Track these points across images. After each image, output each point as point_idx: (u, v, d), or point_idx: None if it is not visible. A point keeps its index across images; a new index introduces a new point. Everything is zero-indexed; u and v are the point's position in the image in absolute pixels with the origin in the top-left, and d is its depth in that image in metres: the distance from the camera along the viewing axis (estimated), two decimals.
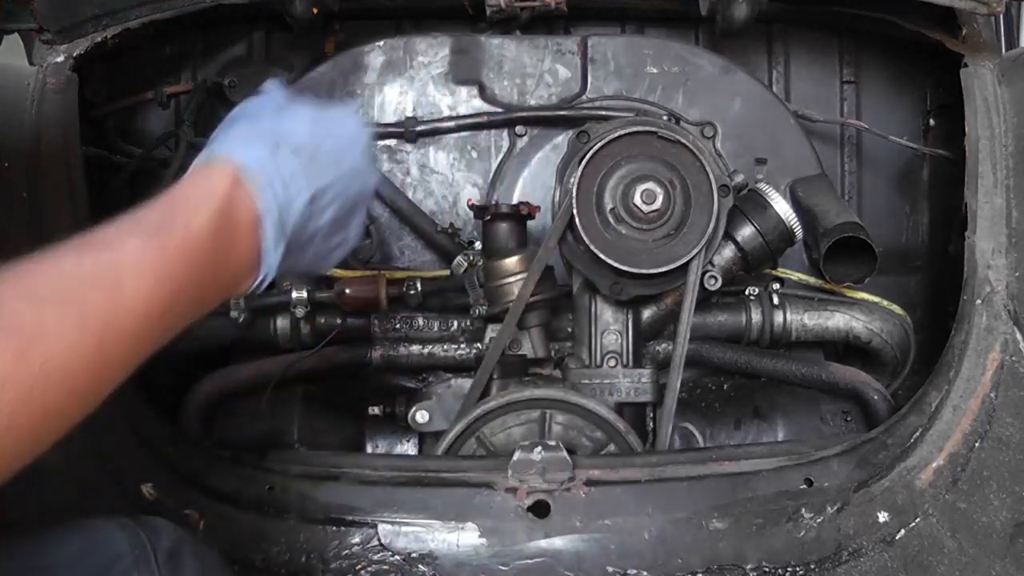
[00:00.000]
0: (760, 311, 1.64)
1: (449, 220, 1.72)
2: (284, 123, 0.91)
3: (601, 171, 1.40)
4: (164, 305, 0.74)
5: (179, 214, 0.78)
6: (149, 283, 0.72)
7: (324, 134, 0.93)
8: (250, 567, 1.19)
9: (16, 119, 1.40)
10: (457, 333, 1.62)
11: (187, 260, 0.76)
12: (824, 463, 1.29)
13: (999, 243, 1.38)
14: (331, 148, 0.93)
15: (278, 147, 0.87)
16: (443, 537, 1.21)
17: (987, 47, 1.55)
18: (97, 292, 0.69)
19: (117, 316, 0.70)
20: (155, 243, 0.74)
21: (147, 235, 0.74)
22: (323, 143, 0.92)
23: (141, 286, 0.71)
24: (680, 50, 1.74)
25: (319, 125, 0.93)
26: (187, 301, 0.77)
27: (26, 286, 0.66)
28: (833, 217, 1.58)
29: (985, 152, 1.43)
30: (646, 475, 1.27)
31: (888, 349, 1.63)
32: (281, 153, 0.87)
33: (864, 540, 1.23)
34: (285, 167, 0.86)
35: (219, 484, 1.25)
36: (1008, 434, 1.27)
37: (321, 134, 0.93)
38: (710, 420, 1.61)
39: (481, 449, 1.40)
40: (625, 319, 1.52)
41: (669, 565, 1.20)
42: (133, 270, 0.71)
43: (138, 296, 0.71)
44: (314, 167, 0.90)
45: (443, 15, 1.81)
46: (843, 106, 1.90)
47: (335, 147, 0.94)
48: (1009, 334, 1.33)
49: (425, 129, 1.72)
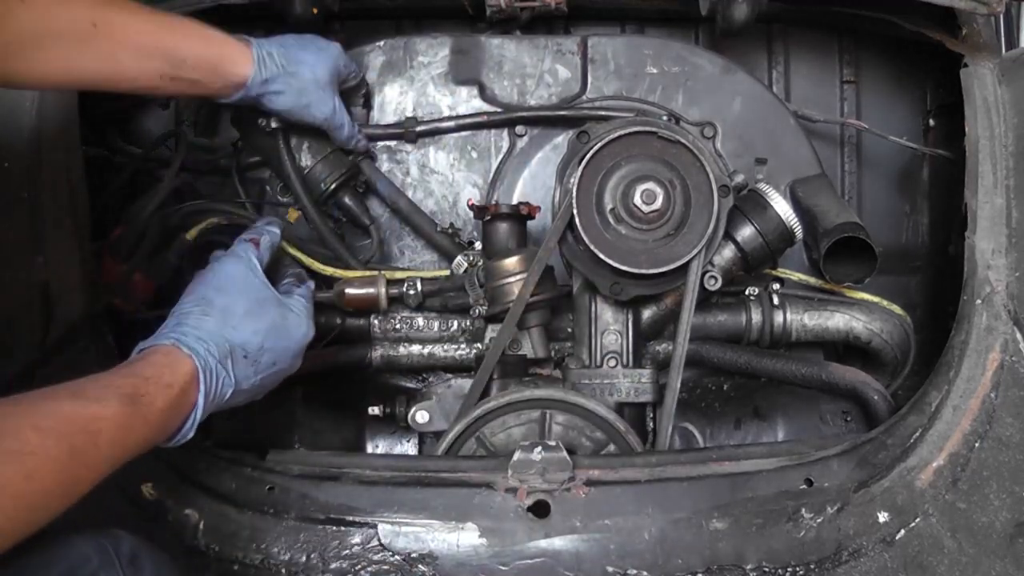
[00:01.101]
0: (760, 311, 1.64)
1: (449, 220, 1.72)
2: (244, 332, 1.18)
3: (601, 171, 1.40)
4: (125, 453, 0.98)
5: (150, 391, 1.02)
6: (119, 436, 0.96)
7: (273, 341, 1.21)
8: (250, 567, 1.19)
9: (16, 119, 1.39)
10: (457, 333, 1.62)
11: (147, 427, 1.01)
12: (824, 463, 1.29)
13: (999, 243, 1.38)
14: (274, 353, 1.22)
15: (230, 356, 1.15)
16: (443, 537, 1.21)
17: (987, 47, 1.55)
18: (84, 436, 0.92)
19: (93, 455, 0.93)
20: (129, 410, 0.98)
21: (125, 401, 0.98)
22: (268, 351, 1.20)
23: (113, 437, 0.95)
24: (680, 50, 1.74)
25: (273, 333, 1.21)
26: (130, 455, 1.00)
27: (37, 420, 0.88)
28: (833, 217, 1.58)
29: (985, 152, 1.43)
30: (646, 475, 1.27)
31: (888, 349, 1.63)
32: (229, 364, 1.15)
33: (864, 540, 1.23)
34: (227, 377, 1.14)
35: (219, 484, 1.25)
36: (1008, 434, 1.27)
37: (271, 342, 1.21)
38: (710, 420, 1.61)
39: (481, 449, 1.41)
40: (625, 319, 1.52)
41: (669, 565, 1.20)
42: (110, 425, 0.95)
43: (111, 443, 0.95)
44: (249, 371, 1.18)
45: (443, 15, 1.81)
46: (843, 106, 1.90)
47: (278, 352, 1.22)
48: (1009, 334, 1.33)
49: (425, 129, 1.72)
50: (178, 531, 1.21)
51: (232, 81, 1.40)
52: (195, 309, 1.17)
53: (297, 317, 1.27)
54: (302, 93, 1.47)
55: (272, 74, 1.42)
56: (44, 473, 0.85)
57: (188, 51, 1.33)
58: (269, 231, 1.36)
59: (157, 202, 1.55)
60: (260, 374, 1.20)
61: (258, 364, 1.19)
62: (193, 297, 1.19)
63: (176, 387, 1.06)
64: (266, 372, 1.21)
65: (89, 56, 1.24)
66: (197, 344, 1.11)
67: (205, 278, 1.23)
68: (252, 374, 1.19)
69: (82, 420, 0.93)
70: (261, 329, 1.20)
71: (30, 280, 1.33)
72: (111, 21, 1.25)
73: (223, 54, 1.39)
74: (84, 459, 0.91)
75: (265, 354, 1.20)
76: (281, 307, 1.26)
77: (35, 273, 1.33)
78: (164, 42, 1.31)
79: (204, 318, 1.15)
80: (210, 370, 1.11)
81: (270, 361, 1.21)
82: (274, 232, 1.37)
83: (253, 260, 1.27)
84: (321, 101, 1.50)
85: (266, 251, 1.32)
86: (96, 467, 0.93)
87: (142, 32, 1.28)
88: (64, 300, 1.34)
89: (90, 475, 0.93)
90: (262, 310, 1.22)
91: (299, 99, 1.47)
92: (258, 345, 1.19)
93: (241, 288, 1.22)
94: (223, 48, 1.39)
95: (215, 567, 1.19)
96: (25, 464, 0.83)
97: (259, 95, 1.44)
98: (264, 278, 1.26)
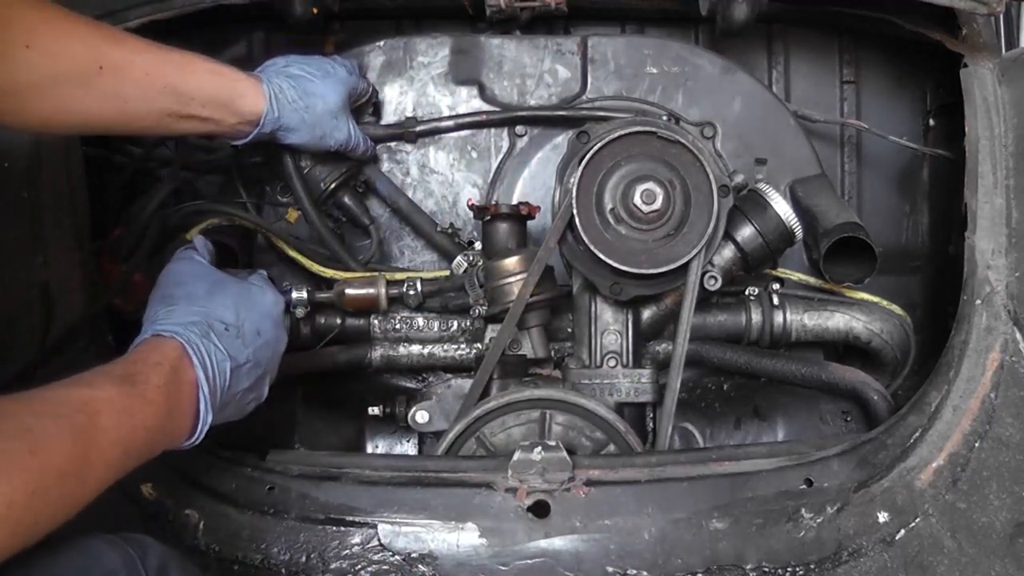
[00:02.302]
0: (760, 311, 1.64)
1: (449, 220, 1.72)
2: (214, 306, 1.19)
3: (601, 171, 1.40)
4: (127, 436, 0.96)
5: (141, 370, 1.02)
6: (122, 418, 0.96)
7: (247, 311, 1.22)
8: (250, 567, 1.19)
9: None
10: (457, 333, 1.62)
11: (146, 406, 1.00)
12: (824, 463, 1.29)
13: (999, 243, 1.38)
14: (252, 321, 1.22)
15: (211, 330, 1.14)
16: (443, 537, 1.21)
17: (987, 47, 1.55)
18: (82, 416, 0.91)
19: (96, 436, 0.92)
20: (124, 389, 0.98)
21: (118, 381, 0.99)
22: (246, 320, 1.21)
23: (117, 419, 0.95)
24: (680, 50, 1.74)
25: (242, 302, 1.23)
26: (141, 443, 0.99)
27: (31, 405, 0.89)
28: (833, 217, 1.58)
29: (985, 152, 1.43)
30: (646, 475, 1.27)
31: (888, 349, 1.63)
32: (213, 336, 1.14)
33: (864, 540, 1.23)
34: (217, 350, 1.13)
35: (219, 484, 1.25)
36: (1008, 434, 1.27)
37: (244, 311, 1.22)
38: (710, 420, 1.61)
39: (481, 449, 1.41)
40: (625, 319, 1.52)
41: (669, 565, 1.20)
42: (108, 406, 0.95)
43: (110, 424, 0.94)
44: (237, 342, 1.18)
45: (443, 15, 1.81)
46: (843, 106, 1.90)
47: (255, 320, 1.23)
48: (1009, 334, 1.33)
49: (425, 129, 1.72)
50: (178, 531, 1.21)
51: (245, 119, 1.37)
52: (160, 305, 1.19)
53: (259, 288, 1.30)
54: (316, 126, 1.45)
55: (285, 111, 1.40)
56: (49, 449, 0.85)
57: (196, 88, 1.30)
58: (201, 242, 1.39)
59: (157, 202, 1.55)
60: (250, 346, 1.20)
61: (243, 335, 1.20)
62: (154, 298, 1.21)
63: (166, 364, 1.06)
64: (255, 344, 1.22)
65: (93, 97, 1.22)
66: (174, 326, 1.12)
67: (159, 283, 1.25)
68: (241, 346, 1.19)
69: (77, 402, 0.93)
70: (229, 302, 1.22)
71: (30, 280, 1.33)
72: (115, 61, 1.22)
73: (233, 90, 1.35)
74: (87, 438, 0.90)
75: (244, 323, 1.21)
76: (240, 282, 1.29)
77: (35, 273, 1.34)
78: (170, 79, 1.27)
79: (172, 308, 1.17)
80: (195, 344, 1.11)
81: (253, 330, 1.22)
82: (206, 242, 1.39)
83: (197, 257, 1.31)
84: (336, 129, 1.48)
85: (205, 252, 1.35)
86: (104, 449, 0.93)
87: (148, 70, 1.25)
88: (64, 300, 1.34)
89: (101, 457, 0.92)
90: (223, 287, 1.25)
91: (314, 132, 1.46)
92: (233, 315, 1.20)
93: (196, 275, 1.26)
94: (233, 84, 1.35)
95: (215, 567, 1.19)
96: (28, 440, 0.84)
97: (273, 131, 1.42)
98: (214, 267, 1.30)
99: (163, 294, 1.22)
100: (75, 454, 0.88)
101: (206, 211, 1.56)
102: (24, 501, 0.81)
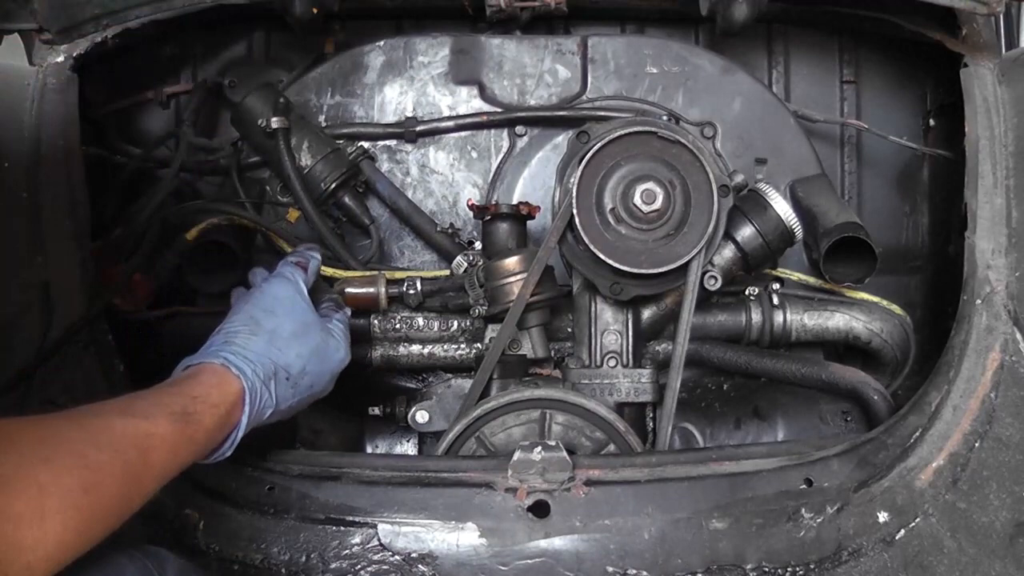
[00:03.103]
0: (760, 311, 1.64)
1: (449, 220, 1.72)
2: (289, 354, 1.18)
3: (601, 171, 1.40)
4: (172, 471, 0.98)
5: (198, 409, 1.03)
6: (168, 455, 0.97)
7: (315, 365, 1.22)
8: (250, 567, 1.19)
9: (16, 119, 1.40)
10: (457, 333, 1.62)
11: (194, 445, 1.02)
12: (824, 463, 1.29)
13: (999, 243, 1.38)
14: (312, 376, 1.22)
15: (274, 377, 1.16)
16: (443, 537, 1.21)
17: (987, 47, 1.55)
18: (136, 452, 0.92)
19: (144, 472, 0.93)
20: (179, 428, 0.99)
21: (174, 419, 0.99)
22: (308, 373, 1.21)
23: (163, 455, 0.96)
24: (680, 50, 1.74)
25: (313, 359, 1.22)
26: (173, 474, 0.99)
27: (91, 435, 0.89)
28: (833, 217, 1.58)
29: (985, 152, 1.43)
30: (646, 475, 1.26)
31: (888, 349, 1.63)
32: (273, 384, 1.15)
33: (864, 540, 1.23)
34: (269, 397, 1.14)
35: (219, 484, 1.25)
36: (1008, 434, 1.27)
37: (311, 366, 1.22)
38: (710, 420, 1.61)
39: (481, 449, 1.40)
40: (625, 319, 1.52)
41: (669, 565, 1.20)
42: (160, 443, 0.95)
43: (162, 461, 0.95)
44: (289, 392, 1.19)
45: (443, 15, 1.81)
46: (843, 106, 1.90)
47: (316, 375, 1.23)
48: (1009, 334, 1.33)
49: (425, 129, 1.72)
50: (178, 531, 1.21)
51: None
52: (243, 328, 1.17)
53: (336, 342, 1.28)
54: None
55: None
56: (102, 487, 0.86)
57: None
58: (313, 256, 1.35)
59: (157, 202, 1.55)
60: (298, 396, 1.21)
61: (298, 387, 1.20)
62: (241, 316, 1.19)
63: (223, 407, 1.07)
64: (304, 394, 1.23)
65: None
66: (245, 365, 1.12)
67: (253, 298, 1.23)
68: (291, 396, 1.19)
69: (134, 437, 0.93)
70: (305, 353, 1.21)
71: (30, 280, 1.33)
72: None
73: None
74: (137, 475, 0.91)
75: (305, 377, 1.21)
76: (324, 331, 1.26)
77: (35, 273, 1.34)
78: None
79: (252, 338, 1.16)
80: (256, 391, 1.12)
81: (308, 384, 1.22)
82: (317, 258, 1.36)
83: (300, 284, 1.27)
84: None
85: (312, 276, 1.32)
86: (147, 484, 0.94)
87: None
88: (64, 300, 1.34)
89: (141, 491, 0.93)
90: (307, 333, 1.23)
91: None
92: (300, 368, 1.20)
93: (288, 310, 1.23)
94: None
95: (215, 567, 1.19)
96: (84, 477, 0.84)
97: None
98: (310, 302, 1.27)
99: (249, 315, 1.19)
100: (123, 493, 0.89)
101: (206, 211, 1.56)
102: (73, 539, 0.82)
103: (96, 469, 0.86)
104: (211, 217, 1.54)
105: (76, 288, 1.36)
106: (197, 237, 1.52)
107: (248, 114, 1.60)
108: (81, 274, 1.37)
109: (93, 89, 1.69)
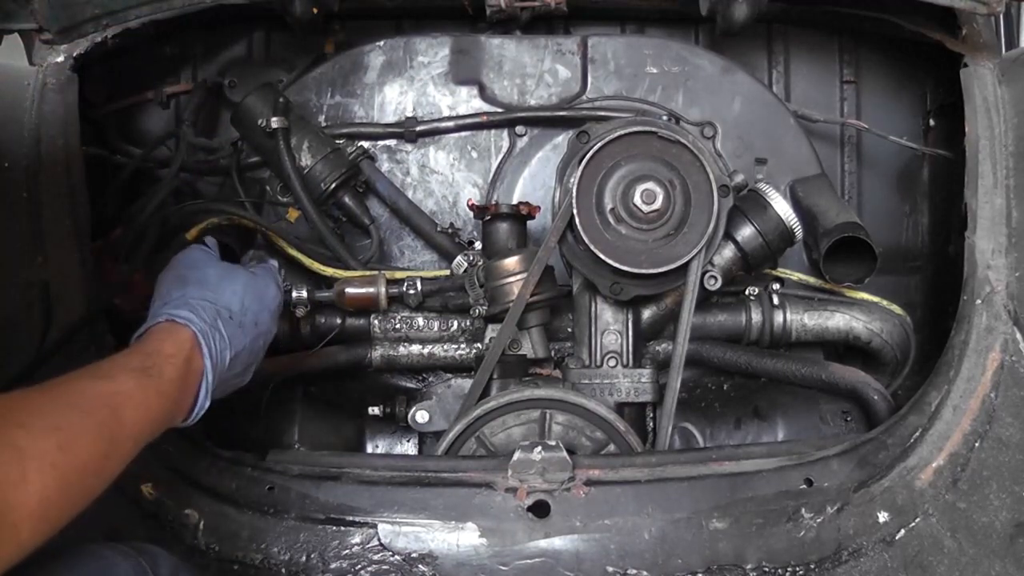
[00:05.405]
0: (760, 311, 1.64)
1: (449, 220, 1.72)
2: (223, 293, 1.23)
3: (601, 171, 1.40)
4: (146, 429, 1.00)
5: (156, 363, 1.05)
6: (141, 412, 0.99)
7: (251, 302, 1.26)
8: (250, 567, 1.19)
9: (16, 119, 1.40)
10: (457, 333, 1.62)
11: (162, 399, 1.04)
12: (824, 463, 1.29)
13: (999, 243, 1.38)
14: (254, 312, 1.26)
15: (218, 317, 1.18)
16: (443, 537, 1.21)
17: (987, 47, 1.55)
18: (107, 411, 0.94)
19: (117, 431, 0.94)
20: (142, 383, 1.01)
21: (135, 375, 1.01)
22: (249, 310, 1.25)
23: (134, 413, 0.98)
24: (680, 50, 1.74)
25: (248, 293, 1.27)
26: (150, 433, 1.01)
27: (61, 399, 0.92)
28: (833, 217, 1.58)
29: (985, 152, 1.43)
30: (646, 475, 1.26)
31: (888, 349, 1.63)
32: (220, 323, 1.17)
33: (864, 540, 1.23)
34: (221, 338, 1.17)
35: (219, 484, 1.25)
36: (1008, 434, 1.27)
37: (248, 302, 1.26)
38: (710, 420, 1.61)
39: (481, 449, 1.40)
40: (625, 319, 1.52)
41: (669, 565, 1.20)
42: (127, 400, 0.97)
43: (133, 419, 0.97)
44: (239, 331, 1.21)
45: (443, 15, 1.81)
46: (843, 106, 1.90)
47: (257, 311, 1.27)
48: (1009, 334, 1.33)
49: (425, 129, 1.72)
50: (178, 531, 1.21)
51: None
52: (173, 286, 1.21)
53: (264, 280, 1.34)
54: None
55: None
56: (77, 446, 0.88)
57: None
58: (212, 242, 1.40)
59: (157, 202, 1.55)
60: (248, 335, 1.24)
61: (244, 325, 1.23)
62: (167, 280, 1.24)
63: (180, 355, 1.09)
64: (253, 334, 1.25)
65: None
66: (188, 312, 1.15)
67: (171, 265, 1.28)
68: (242, 335, 1.22)
69: (102, 396, 0.96)
70: (239, 290, 1.26)
71: (30, 280, 1.33)
72: None
73: None
74: (111, 433, 0.93)
75: (247, 313, 1.25)
76: (248, 273, 1.32)
77: (35, 273, 1.34)
78: None
79: (186, 288, 1.20)
80: (206, 334, 1.14)
81: (252, 321, 1.26)
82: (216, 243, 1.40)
83: (207, 248, 1.35)
84: None
85: (214, 248, 1.36)
86: (123, 443, 0.95)
87: None
88: (64, 300, 1.35)
89: (119, 449, 0.95)
90: (232, 275, 1.28)
91: None
92: (240, 305, 1.24)
93: (207, 263, 1.29)
94: None
95: (215, 567, 1.19)
96: (59, 438, 0.86)
97: None
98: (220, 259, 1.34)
99: (176, 275, 1.24)
100: (99, 449, 0.91)
101: (206, 211, 1.56)
102: (55, 497, 0.84)
103: (69, 429, 0.88)
104: (211, 217, 1.54)
105: (76, 288, 1.36)
106: (197, 237, 1.52)
107: (248, 114, 1.60)
108: (81, 274, 1.37)
109: (93, 89, 1.69)
